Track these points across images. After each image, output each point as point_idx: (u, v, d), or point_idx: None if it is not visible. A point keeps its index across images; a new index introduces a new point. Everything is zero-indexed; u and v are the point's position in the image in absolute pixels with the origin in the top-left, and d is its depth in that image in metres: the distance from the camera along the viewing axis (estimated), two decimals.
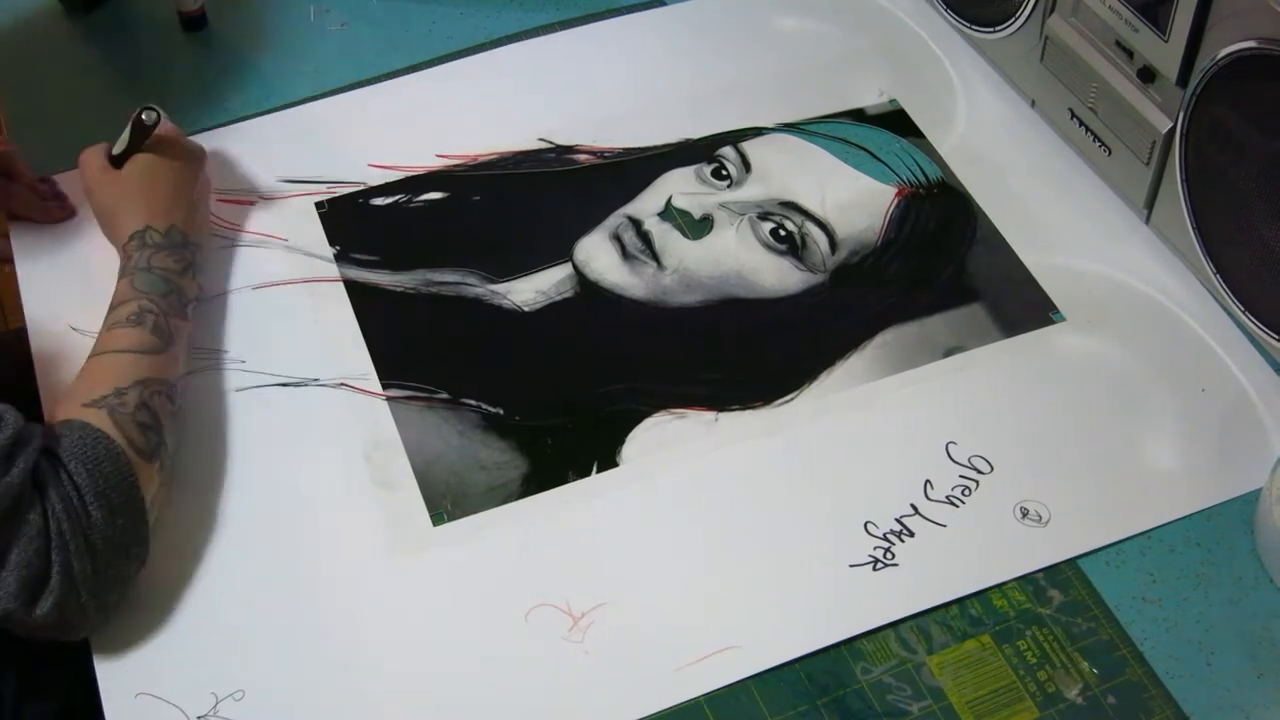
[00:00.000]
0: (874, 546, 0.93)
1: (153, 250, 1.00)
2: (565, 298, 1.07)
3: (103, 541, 0.86)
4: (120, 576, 0.88)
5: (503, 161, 1.16)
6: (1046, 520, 0.94)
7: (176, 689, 0.87)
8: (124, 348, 0.95)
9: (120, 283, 0.99)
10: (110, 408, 0.90)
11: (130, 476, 0.88)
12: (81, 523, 0.85)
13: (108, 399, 0.91)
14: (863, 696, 0.86)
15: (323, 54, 1.26)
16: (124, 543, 0.87)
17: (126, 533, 0.87)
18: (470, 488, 0.96)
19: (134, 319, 0.96)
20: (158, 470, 0.91)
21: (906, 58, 1.24)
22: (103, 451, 0.87)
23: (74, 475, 0.86)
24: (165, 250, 1.01)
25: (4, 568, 0.83)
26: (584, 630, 0.89)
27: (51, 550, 0.84)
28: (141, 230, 1.02)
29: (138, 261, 1.00)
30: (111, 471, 0.87)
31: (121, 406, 0.91)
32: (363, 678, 0.88)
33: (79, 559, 0.85)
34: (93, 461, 0.87)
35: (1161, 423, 0.99)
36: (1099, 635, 0.89)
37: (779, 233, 1.10)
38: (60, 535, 0.84)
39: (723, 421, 1.00)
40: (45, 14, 1.28)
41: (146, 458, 0.90)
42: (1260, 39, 0.91)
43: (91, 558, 0.85)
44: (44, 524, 0.84)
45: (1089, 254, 1.09)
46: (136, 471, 0.89)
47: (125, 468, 0.88)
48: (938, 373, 1.02)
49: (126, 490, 0.88)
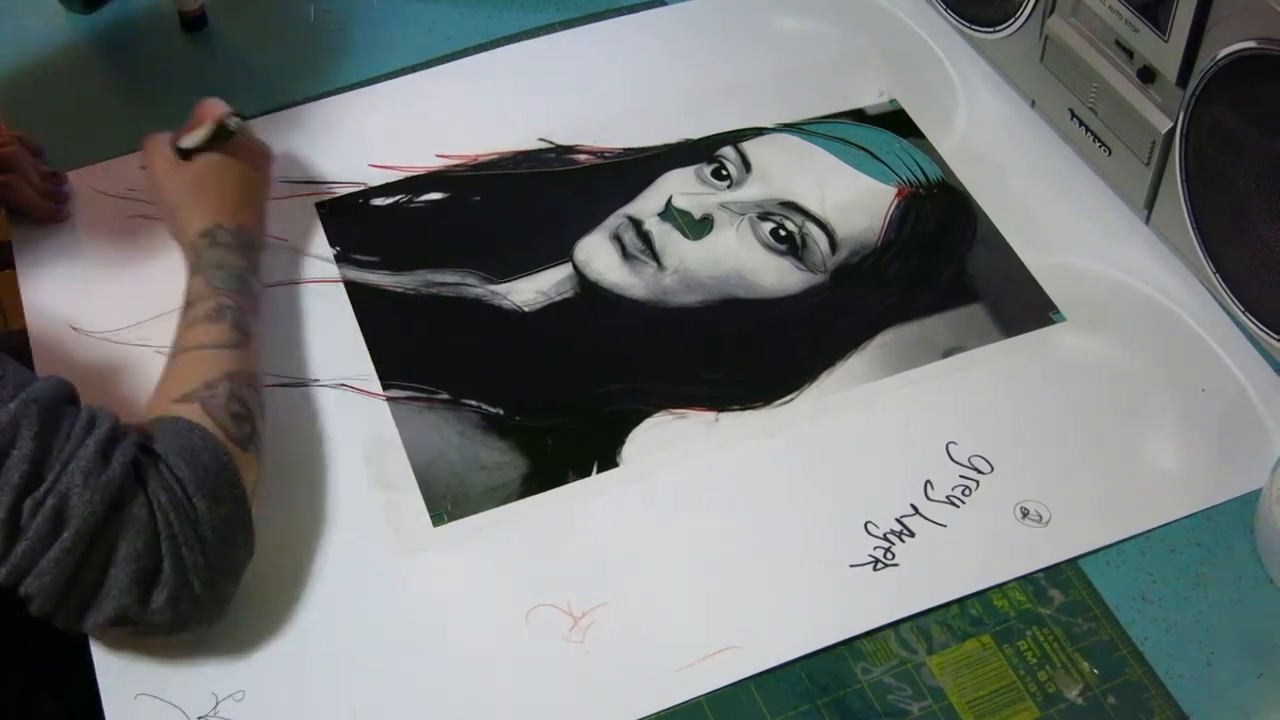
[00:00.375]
0: (874, 546, 0.93)
1: (224, 249, 1.00)
2: (565, 298, 1.07)
3: (210, 531, 0.85)
4: (231, 567, 0.87)
5: (503, 162, 1.16)
6: (1047, 520, 0.94)
7: (177, 689, 0.87)
8: (207, 343, 0.94)
9: (194, 280, 0.99)
10: (202, 400, 0.90)
11: (230, 466, 0.87)
12: (187, 514, 0.84)
13: (198, 393, 0.90)
14: (863, 696, 0.86)
15: (323, 54, 1.26)
16: (230, 532, 0.86)
17: (231, 522, 0.86)
18: (470, 488, 0.96)
19: (213, 315, 0.96)
20: (254, 459, 0.91)
21: (906, 58, 1.24)
22: (199, 442, 0.87)
23: (174, 468, 0.85)
24: (236, 249, 1.00)
25: (114, 564, 0.82)
26: (584, 630, 0.89)
27: (160, 541, 0.83)
28: (212, 228, 1.01)
29: (210, 259, 0.99)
30: (210, 462, 0.86)
31: (213, 398, 0.90)
32: (363, 678, 0.88)
33: (189, 549, 0.84)
34: (191, 453, 0.86)
35: (1162, 423, 0.99)
36: (1099, 635, 0.89)
37: (779, 233, 1.10)
38: (168, 526, 0.83)
39: (723, 422, 1.00)
40: (45, 14, 1.28)
41: (242, 446, 0.89)
42: (1260, 39, 0.91)
43: (201, 547, 0.84)
44: (149, 516, 0.83)
45: (1089, 254, 1.09)
46: (235, 460, 0.88)
47: (224, 457, 0.87)
48: (938, 373, 1.02)
49: (227, 479, 0.86)
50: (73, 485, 0.82)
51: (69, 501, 0.81)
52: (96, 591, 0.83)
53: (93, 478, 0.82)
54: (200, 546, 0.84)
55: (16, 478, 0.81)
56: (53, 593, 0.82)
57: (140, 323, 1.05)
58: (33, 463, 0.81)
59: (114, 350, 1.03)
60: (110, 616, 0.83)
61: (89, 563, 0.82)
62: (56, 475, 0.82)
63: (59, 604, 0.83)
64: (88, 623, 0.84)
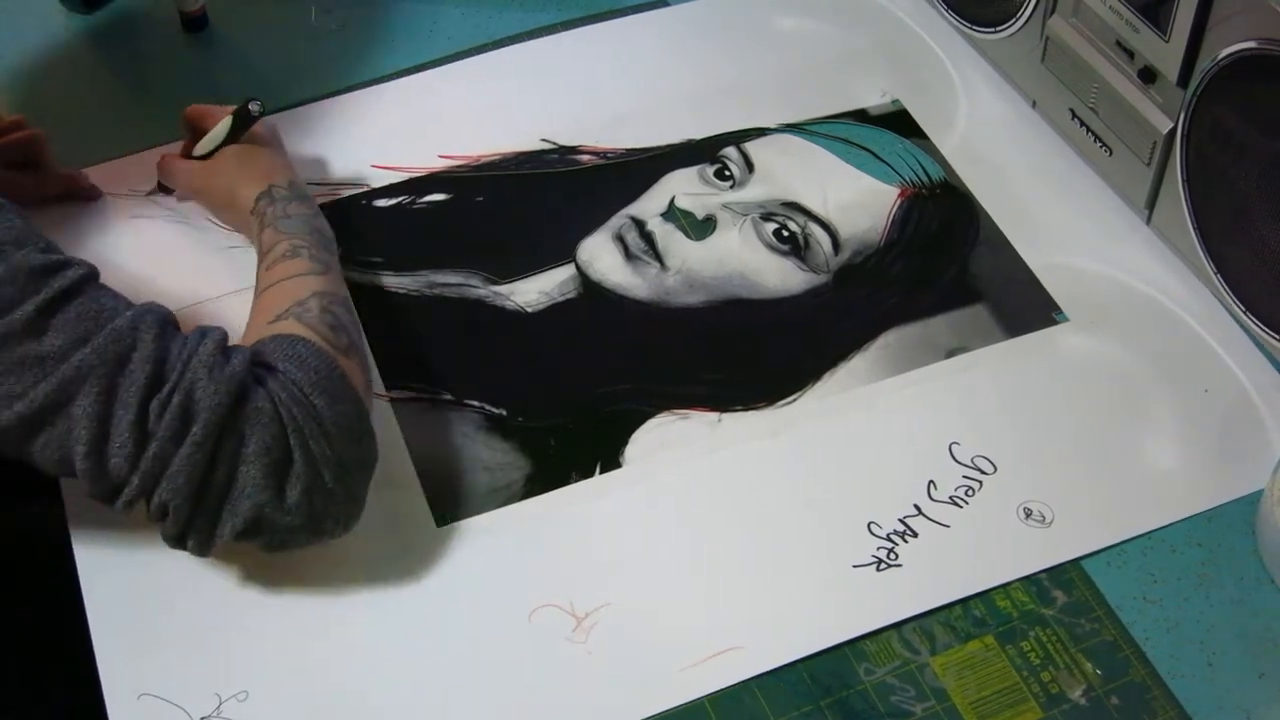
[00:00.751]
0: (877, 547, 0.93)
1: (283, 202, 1.01)
2: (568, 298, 1.07)
3: (334, 426, 0.84)
4: (359, 463, 0.87)
5: (506, 162, 1.16)
6: (1050, 521, 0.94)
7: (180, 689, 0.87)
8: (288, 275, 0.95)
9: (264, 234, 0.99)
10: (296, 315, 0.90)
11: (338, 369, 0.87)
12: (309, 410, 0.84)
13: (290, 310, 0.91)
14: (866, 697, 0.86)
15: (324, 55, 1.26)
16: (352, 428, 0.86)
17: (351, 418, 0.86)
18: (473, 488, 0.96)
19: (289, 253, 0.96)
20: (359, 366, 0.90)
21: (907, 58, 1.24)
22: (304, 349, 0.87)
23: (287, 373, 0.85)
24: (295, 200, 1.01)
25: (244, 461, 0.82)
26: (587, 631, 0.89)
27: (288, 434, 0.83)
28: (267, 189, 1.02)
29: (275, 213, 1.00)
30: (319, 364, 0.86)
31: (306, 313, 0.90)
32: (365, 679, 0.88)
33: (316, 442, 0.83)
34: (299, 359, 0.86)
35: (1165, 423, 1.00)
36: (1102, 636, 0.89)
37: (782, 233, 1.11)
38: (293, 419, 0.83)
39: (726, 422, 1.00)
40: (45, 14, 1.28)
41: (343, 353, 0.89)
42: (1260, 39, 0.91)
43: (328, 441, 0.84)
44: (274, 410, 0.83)
45: (1090, 254, 1.09)
46: (340, 365, 0.88)
47: (330, 361, 0.87)
48: (941, 373, 1.02)
49: (339, 380, 0.86)
50: (197, 380, 0.82)
51: (194, 395, 0.81)
52: (230, 490, 0.83)
53: (216, 370, 0.82)
54: (326, 440, 0.84)
55: (141, 378, 0.81)
56: (187, 494, 0.82)
57: None
58: (155, 363, 0.82)
59: None
60: (247, 516, 0.83)
61: (220, 458, 0.82)
62: (180, 373, 0.82)
63: (194, 509, 0.83)
64: (224, 530, 0.84)
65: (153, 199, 1.13)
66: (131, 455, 0.81)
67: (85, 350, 0.81)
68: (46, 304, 0.82)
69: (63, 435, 0.82)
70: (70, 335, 0.81)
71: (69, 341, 0.81)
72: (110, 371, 0.81)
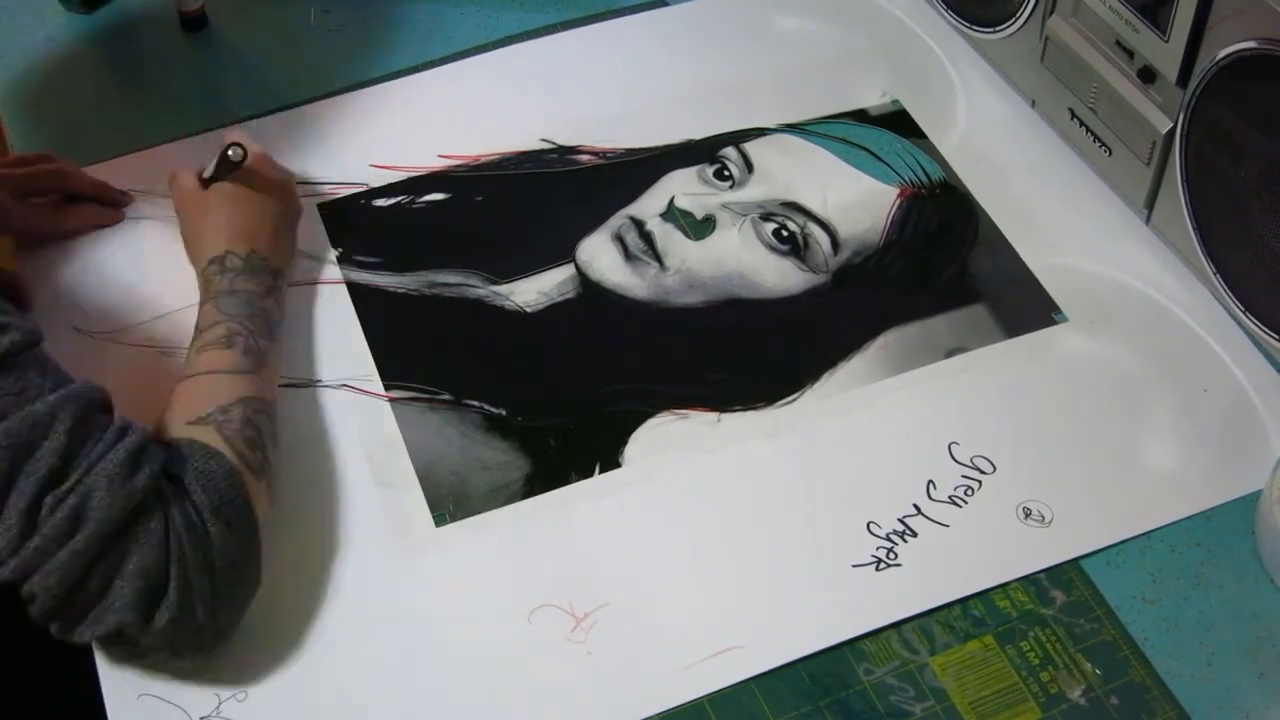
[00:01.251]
0: (877, 546, 0.93)
1: (234, 274, 0.99)
2: (568, 298, 1.07)
3: (221, 559, 0.84)
4: (237, 597, 0.87)
5: (505, 162, 1.16)
6: (1049, 520, 0.94)
7: (179, 690, 0.87)
8: (218, 369, 0.93)
9: (204, 308, 0.98)
10: (217, 424, 0.89)
11: (244, 493, 0.86)
12: (201, 539, 0.84)
13: (212, 416, 0.90)
14: (865, 697, 0.86)
15: (323, 55, 1.26)
16: (240, 561, 0.86)
17: (242, 551, 0.86)
18: (473, 488, 0.96)
19: (224, 342, 0.95)
20: (266, 488, 0.90)
21: (907, 58, 1.24)
22: (216, 467, 0.86)
23: (192, 493, 0.85)
24: (246, 274, 1.00)
25: (120, 576, 0.82)
26: (586, 631, 0.89)
27: (170, 563, 0.82)
28: (221, 255, 1.00)
29: (219, 285, 0.99)
30: (226, 488, 0.86)
31: (228, 422, 0.90)
32: (365, 679, 0.88)
33: (197, 576, 0.83)
34: (208, 477, 0.85)
35: (1164, 423, 1.00)
36: (1102, 636, 0.89)
37: (781, 233, 1.11)
38: (180, 549, 0.83)
39: (725, 422, 1.00)
40: (45, 14, 1.28)
41: (255, 474, 0.89)
42: (1260, 39, 0.91)
43: (210, 575, 0.83)
44: (164, 535, 0.82)
45: (1090, 254, 1.09)
46: (249, 488, 0.87)
47: (239, 484, 0.86)
48: (940, 373, 1.02)
49: (241, 507, 0.86)
50: (96, 487, 0.81)
51: (89, 503, 0.81)
52: (99, 602, 0.82)
53: (117, 483, 0.81)
54: (209, 575, 0.84)
55: (44, 470, 0.80)
56: (56, 594, 0.81)
57: (144, 323, 1.05)
58: (62, 458, 0.81)
59: (117, 351, 1.03)
60: (110, 630, 0.83)
61: (96, 571, 0.81)
62: (82, 475, 0.81)
63: (60, 608, 0.82)
64: (86, 634, 0.83)
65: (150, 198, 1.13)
66: (14, 541, 0.80)
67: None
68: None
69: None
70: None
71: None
72: (15, 456, 0.80)
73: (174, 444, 0.87)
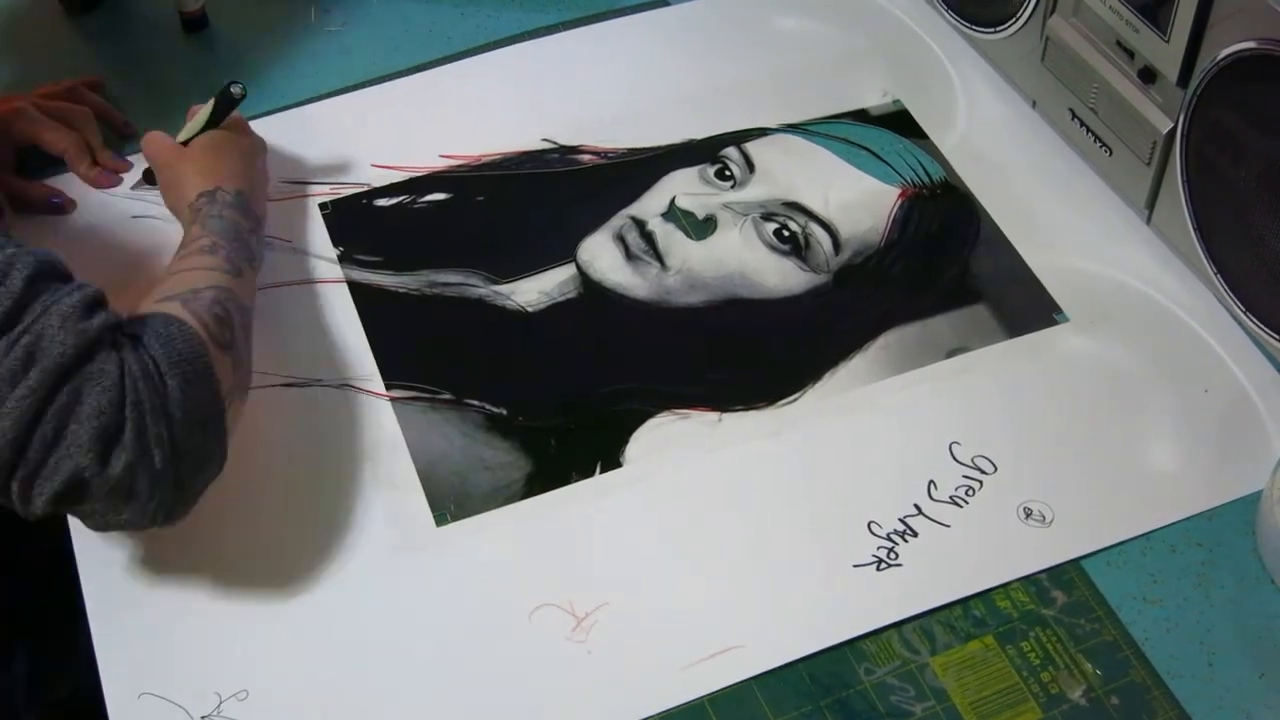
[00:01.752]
0: (877, 546, 0.93)
1: (223, 205, 1.01)
2: (569, 298, 1.07)
3: (180, 411, 0.83)
4: (198, 455, 0.85)
5: (506, 162, 1.16)
6: (1050, 520, 0.94)
7: (180, 689, 0.87)
8: (197, 266, 0.94)
9: (190, 230, 0.99)
10: (183, 300, 0.90)
11: (204, 355, 0.86)
12: (157, 388, 0.82)
13: (181, 295, 0.90)
14: (866, 697, 0.87)
15: (324, 55, 1.26)
16: (201, 422, 0.84)
17: (202, 408, 0.85)
18: (473, 488, 0.96)
19: (206, 249, 0.96)
20: (231, 365, 0.89)
21: (908, 58, 1.24)
22: (176, 330, 0.86)
23: (148, 347, 0.84)
24: (234, 208, 1.01)
25: (74, 420, 0.80)
26: (587, 630, 0.90)
27: (126, 405, 0.81)
28: (212, 190, 1.02)
29: (210, 212, 1.00)
30: (185, 348, 0.85)
31: (195, 300, 0.90)
32: (366, 678, 0.88)
33: (154, 420, 0.82)
34: (166, 338, 0.85)
35: (1166, 423, 1.00)
36: (1102, 636, 0.89)
37: (783, 233, 1.11)
38: (135, 391, 0.82)
39: (726, 422, 1.00)
40: (45, 14, 1.28)
41: (220, 347, 0.88)
42: (1260, 39, 0.92)
43: (168, 423, 0.82)
44: (119, 377, 0.82)
45: (1090, 254, 1.09)
46: (210, 354, 0.86)
47: (199, 348, 0.86)
48: (941, 373, 1.02)
49: (201, 368, 0.85)
50: (48, 328, 0.81)
51: (40, 343, 0.80)
52: (55, 446, 0.81)
53: (69, 322, 0.81)
54: (166, 422, 0.82)
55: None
56: (12, 439, 0.80)
57: None
58: (16, 303, 0.81)
59: None
60: (66, 478, 0.81)
61: (50, 411, 0.80)
62: (36, 317, 0.81)
63: (17, 458, 0.80)
64: (44, 489, 0.81)
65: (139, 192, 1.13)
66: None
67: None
68: None
69: None
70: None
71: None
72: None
73: (139, 315, 0.88)
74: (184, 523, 0.93)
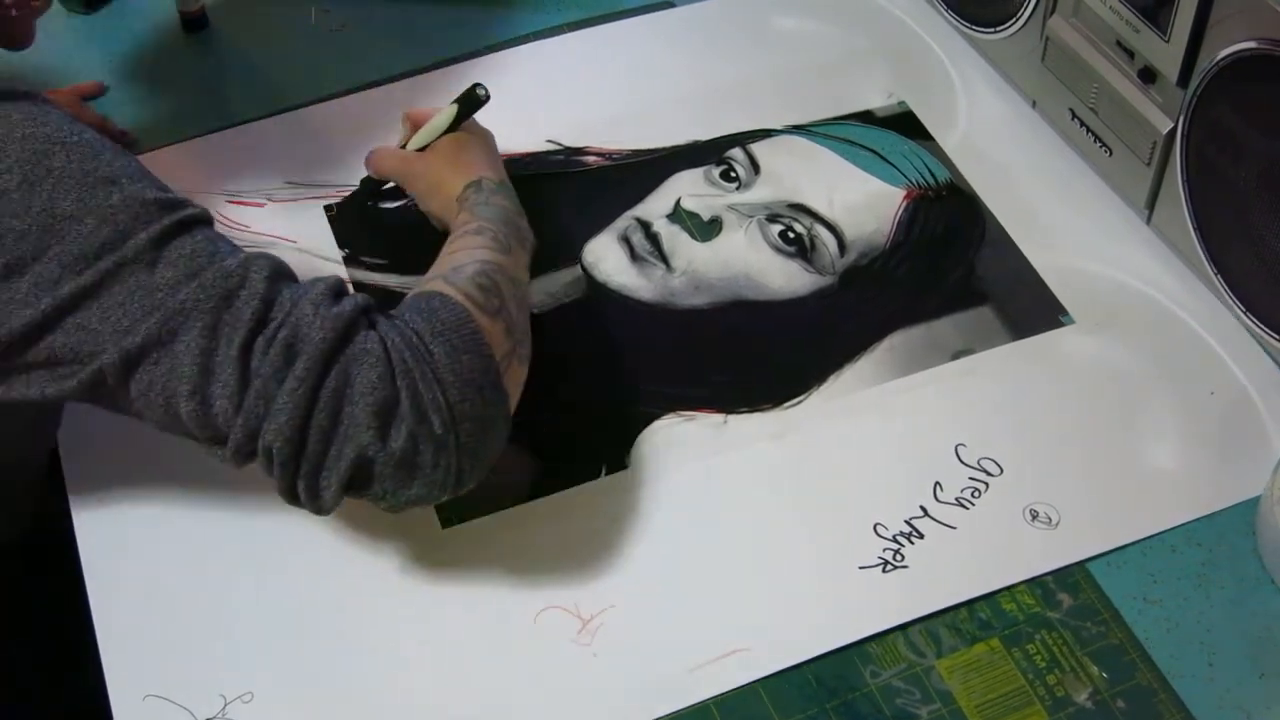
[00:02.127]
0: (883, 548, 0.93)
1: (488, 193, 0.99)
2: (574, 299, 1.07)
3: (451, 375, 0.80)
4: (479, 419, 0.82)
5: (511, 163, 1.15)
6: (1056, 523, 0.94)
7: (185, 691, 0.87)
8: (464, 247, 0.92)
9: (460, 215, 0.97)
10: (444, 277, 0.87)
11: (470, 321, 0.83)
12: (423, 356, 0.80)
13: (444, 274, 0.88)
14: (871, 700, 0.87)
15: (324, 56, 1.25)
16: (474, 382, 0.82)
17: (474, 371, 0.82)
18: (478, 490, 0.95)
19: (474, 230, 0.94)
20: (503, 331, 0.86)
21: (908, 59, 1.24)
22: (437, 302, 0.84)
23: (410, 322, 0.82)
24: (500, 194, 0.99)
25: (349, 400, 0.79)
26: (593, 633, 0.90)
27: (395, 376, 0.79)
28: (475, 181, 1.00)
29: (476, 199, 0.98)
30: (448, 316, 0.83)
31: (457, 275, 0.87)
32: (371, 681, 0.88)
33: (426, 386, 0.80)
34: (429, 311, 0.83)
35: (1171, 425, 1.00)
36: (1108, 639, 0.89)
37: (788, 235, 1.11)
38: (404, 362, 0.80)
39: (731, 424, 1.00)
40: (46, 14, 1.27)
41: (489, 315, 0.85)
42: (1260, 39, 0.92)
43: (440, 388, 0.80)
44: (383, 350, 0.80)
45: (1091, 255, 1.10)
46: (476, 321, 0.84)
47: (463, 314, 0.83)
48: (947, 375, 1.02)
49: (468, 334, 0.82)
50: (303, 317, 0.80)
51: (299, 332, 0.79)
52: (334, 432, 0.79)
53: (323, 309, 0.80)
54: (440, 386, 0.80)
55: (248, 314, 0.79)
56: (290, 435, 0.78)
57: None
58: (263, 301, 0.80)
59: None
60: (351, 460, 0.79)
61: (323, 398, 0.79)
62: (287, 311, 0.80)
63: (298, 454, 0.79)
64: (330, 478, 0.80)
65: None
66: (235, 394, 0.79)
67: (193, 285, 0.79)
68: (160, 235, 0.80)
69: (166, 374, 0.79)
70: (181, 270, 0.79)
71: (179, 275, 0.79)
72: (216, 308, 0.79)
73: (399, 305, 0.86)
74: (186, 524, 0.94)
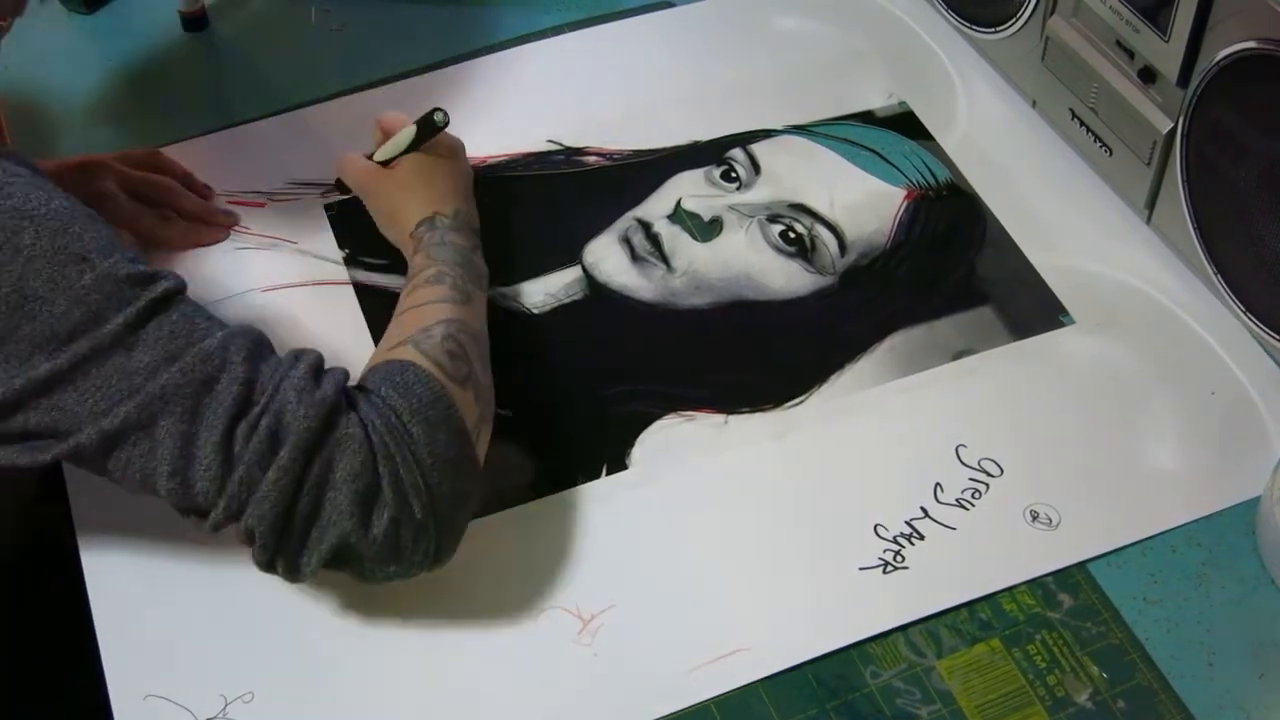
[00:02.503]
0: (883, 549, 0.93)
1: (443, 231, 0.99)
2: (574, 300, 1.07)
3: (429, 455, 0.81)
4: (454, 495, 0.83)
5: (512, 164, 1.16)
6: (1056, 523, 0.94)
7: (185, 691, 0.87)
8: (424, 301, 0.93)
9: (415, 259, 0.98)
10: (414, 342, 0.88)
11: (444, 396, 0.84)
12: (403, 437, 0.81)
13: (411, 337, 0.88)
14: (872, 700, 0.87)
15: (323, 55, 1.25)
16: (452, 459, 0.83)
17: (452, 448, 0.83)
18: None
19: (433, 279, 0.94)
20: (473, 398, 0.87)
21: (908, 59, 1.24)
22: (411, 376, 0.84)
23: (386, 398, 0.83)
24: (455, 230, 0.99)
25: (331, 486, 0.80)
26: (593, 633, 0.90)
27: (378, 461, 0.80)
28: (430, 216, 1.00)
29: (431, 240, 0.98)
30: (423, 392, 0.83)
31: (427, 339, 0.88)
32: (371, 681, 0.88)
33: (407, 470, 0.80)
34: (403, 385, 0.83)
35: (1172, 425, 1.00)
36: (1109, 639, 0.89)
37: (788, 235, 1.11)
38: (384, 446, 0.80)
39: (732, 424, 1.00)
40: (45, 14, 1.28)
41: (458, 383, 0.86)
42: (1260, 39, 0.92)
43: (420, 470, 0.81)
44: (364, 435, 0.80)
45: (1091, 255, 1.10)
46: (450, 393, 0.85)
47: (437, 388, 0.84)
48: (947, 375, 1.02)
49: (443, 409, 0.83)
50: (286, 403, 0.80)
51: (283, 419, 0.79)
52: (316, 518, 0.80)
53: (306, 394, 0.80)
54: (419, 470, 0.81)
55: (229, 400, 0.79)
56: (273, 522, 0.79)
57: None
58: (244, 385, 0.80)
59: None
60: (332, 545, 0.80)
61: (306, 486, 0.79)
62: (269, 396, 0.80)
63: (280, 537, 0.80)
64: (310, 559, 0.81)
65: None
66: (217, 479, 0.79)
67: (173, 369, 0.79)
68: (135, 318, 0.79)
69: (145, 456, 0.79)
70: (160, 352, 0.79)
71: (157, 359, 0.79)
72: (196, 392, 0.79)
73: (370, 369, 0.87)
74: (186, 524, 0.93)
